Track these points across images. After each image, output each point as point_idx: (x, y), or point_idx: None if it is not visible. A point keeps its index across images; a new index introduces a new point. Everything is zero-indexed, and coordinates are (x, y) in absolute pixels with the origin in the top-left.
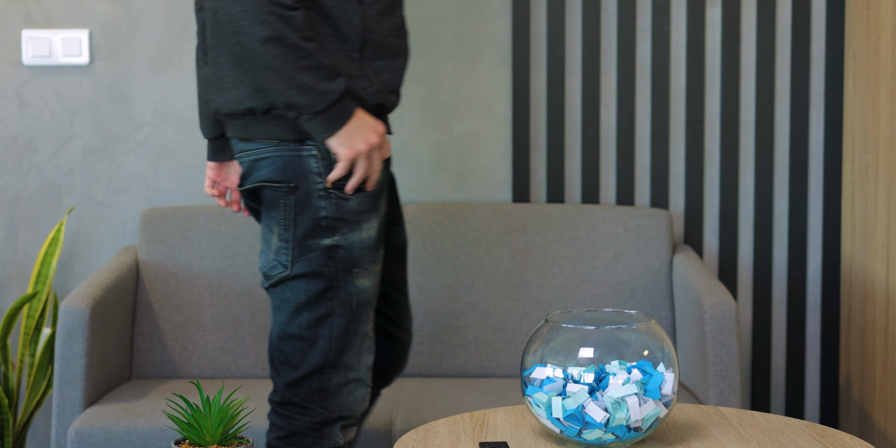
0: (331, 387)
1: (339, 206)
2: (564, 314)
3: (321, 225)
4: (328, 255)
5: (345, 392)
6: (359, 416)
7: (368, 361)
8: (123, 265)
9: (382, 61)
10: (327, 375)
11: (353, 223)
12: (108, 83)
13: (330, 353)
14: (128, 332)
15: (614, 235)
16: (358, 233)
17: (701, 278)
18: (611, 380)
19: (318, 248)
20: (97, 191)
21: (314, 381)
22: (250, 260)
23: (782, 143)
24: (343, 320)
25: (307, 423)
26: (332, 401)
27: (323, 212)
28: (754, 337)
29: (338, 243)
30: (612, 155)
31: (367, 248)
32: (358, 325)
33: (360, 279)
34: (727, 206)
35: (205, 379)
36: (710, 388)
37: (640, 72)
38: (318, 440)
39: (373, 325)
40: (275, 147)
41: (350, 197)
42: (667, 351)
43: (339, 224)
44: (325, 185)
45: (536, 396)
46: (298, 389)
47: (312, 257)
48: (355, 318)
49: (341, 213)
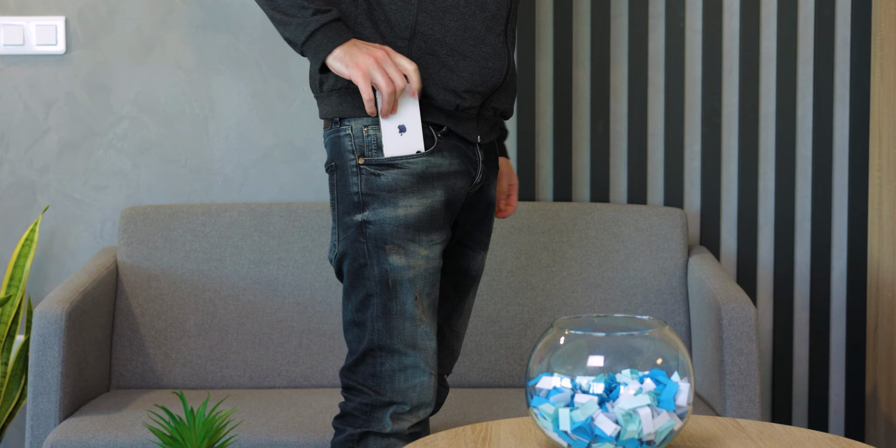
0: (384, 371)
1: (370, 181)
2: (572, 320)
3: (353, 201)
4: (359, 231)
5: (401, 378)
6: (418, 405)
7: (427, 347)
8: (102, 268)
9: (437, 58)
10: (379, 359)
11: (385, 199)
12: (85, 73)
13: (375, 334)
14: (106, 340)
15: (625, 236)
16: (392, 208)
17: (718, 282)
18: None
19: (353, 225)
20: (74, 188)
21: (367, 365)
22: (237, 262)
23: (805, 137)
24: (381, 299)
25: (357, 403)
26: (385, 385)
27: (354, 187)
28: (775, 344)
29: (367, 219)
30: (623, 150)
31: (403, 226)
32: (402, 305)
33: (393, 255)
34: (746, 204)
35: (188, 389)
36: (728, 398)
37: (654, 62)
38: (367, 422)
39: (428, 311)
40: (329, 130)
41: (382, 173)
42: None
43: (368, 199)
44: (358, 161)
45: (542, 408)
46: (354, 373)
47: (350, 235)
48: (394, 296)
49: (371, 189)
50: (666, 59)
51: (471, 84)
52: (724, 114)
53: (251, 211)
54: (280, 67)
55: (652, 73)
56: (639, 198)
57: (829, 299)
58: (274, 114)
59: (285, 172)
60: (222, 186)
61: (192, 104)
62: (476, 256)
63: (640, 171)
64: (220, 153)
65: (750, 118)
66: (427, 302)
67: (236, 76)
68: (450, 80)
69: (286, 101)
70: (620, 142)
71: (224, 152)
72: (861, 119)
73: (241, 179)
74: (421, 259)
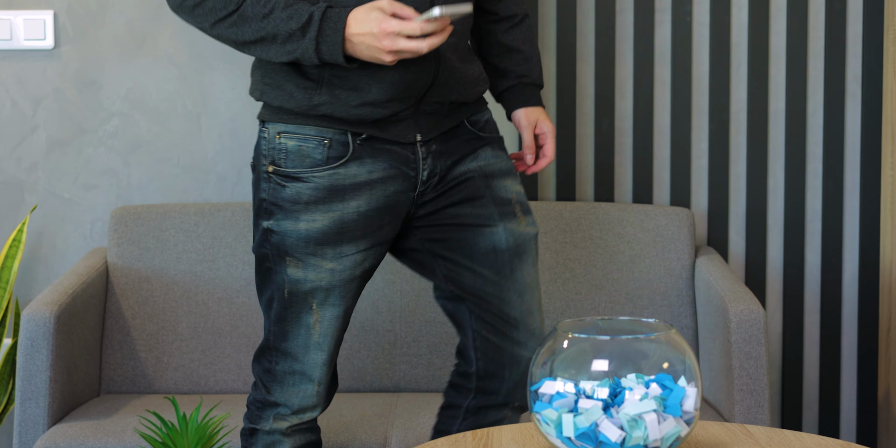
0: (276, 371)
1: (275, 191)
2: (576, 323)
3: (262, 206)
4: (265, 237)
5: (289, 381)
6: (300, 409)
7: (317, 358)
8: (92, 269)
9: (348, 80)
10: (273, 359)
11: (288, 211)
12: (74, 69)
13: (272, 335)
14: (97, 343)
15: (631, 236)
16: (293, 222)
17: (726, 283)
18: (627, 395)
19: (261, 229)
20: (63, 187)
21: (263, 361)
22: (231, 263)
23: (815, 134)
24: (280, 305)
25: (253, 398)
26: (275, 385)
27: (263, 193)
28: (784, 348)
29: (271, 227)
30: (629, 148)
31: (304, 240)
32: (297, 315)
33: (291, 268)
34: (755, 204)
35: (181, 394)
36: (737, 404)
37: (660, 57)
38: (257, 419)
39: (328, 323)
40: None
41: (287, 184)
42: (688, 363)
43: (273, 208)
44: (268, 168)
45: (545, 413)
46: (258, 364)
47: (259, 238)
48: (290, 305)
49: (276, 199)
50: (672, 55)
51: (392, 94)
52: (733, 110)
53: (245, 211)
54: None
55: (658, 69)
56: (644, 197)
57: (840, 301)
58: None
59: None
60: (215, 185)
61: (184, 101)
62: (497, 230)
63: (645, 170)
64: (214, 151)
65: (759, 115)
66: (331, 313)
67: (230, 72)
68: (366, 96)
69: None
70: (625, 139)
71: (217, 150)
72: (873, 116)
73: (234, 178)
74: (325, 272)
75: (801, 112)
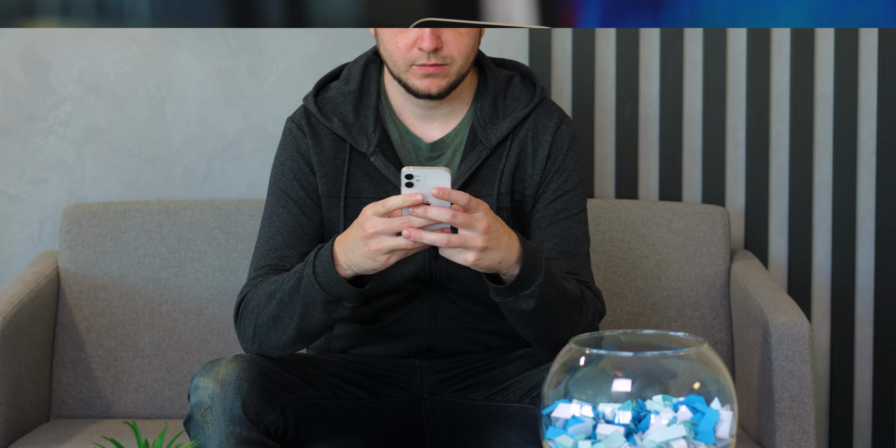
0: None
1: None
2: (594, 337)
3: None
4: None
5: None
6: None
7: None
8: (40, 276)
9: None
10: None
11: None
12: (20, 47)
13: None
14: (46, 361)
15: (657, 239)
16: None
17: (766, 292)
18: (653, 419)
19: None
20: (7, 182)
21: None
22: (199, 269)
23: (868, 122)
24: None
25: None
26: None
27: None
28: (833, 366)
29: None
30: (655, 138)
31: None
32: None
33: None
34: (798, 202)
35: (142, 419)
36: (778, 429)
37: (690, 33)
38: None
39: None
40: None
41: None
42: (723, 383)
43: None
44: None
45: (559, 440)
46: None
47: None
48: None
49: None
50: (704, 30)
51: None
52: (774, 94)
53: (216, 209)
54: (250, 39)
55: (688, 47)
56: (673, 194)
57: (895, 313)
58: (243, 94)
59: (256, 164)
60: (182, 180)
61: (146, 83)
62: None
63: (674, 163)
64: (180, 141)
65: (803, 99)
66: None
67: (198, 50)
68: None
69: (258, 80)
70: (651, 127)
71: (184, 140)
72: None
73: (204, 172)
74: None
75: (853, 96)
